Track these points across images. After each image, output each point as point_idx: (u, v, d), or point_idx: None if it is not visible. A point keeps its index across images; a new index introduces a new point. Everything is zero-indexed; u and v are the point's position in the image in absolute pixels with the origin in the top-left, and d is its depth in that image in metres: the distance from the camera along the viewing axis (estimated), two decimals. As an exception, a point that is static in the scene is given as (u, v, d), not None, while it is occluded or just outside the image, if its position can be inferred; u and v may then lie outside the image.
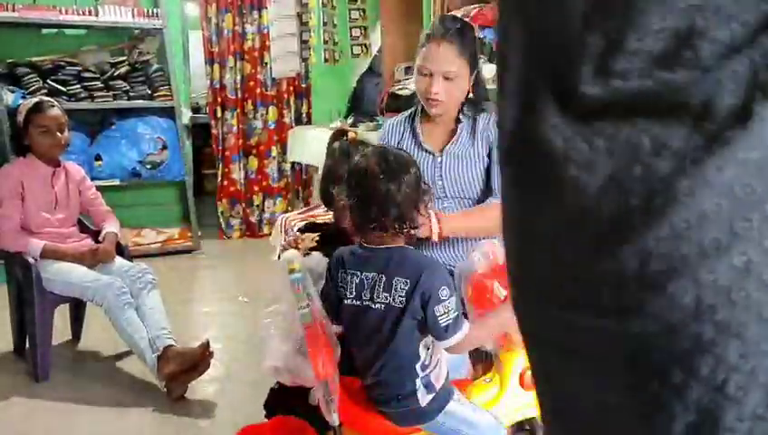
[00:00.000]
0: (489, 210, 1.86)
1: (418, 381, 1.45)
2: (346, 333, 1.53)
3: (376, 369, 1.47)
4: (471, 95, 1.96)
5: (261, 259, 4.81)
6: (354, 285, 1.47)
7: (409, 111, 2.11)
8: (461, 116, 1.97)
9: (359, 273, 1.47)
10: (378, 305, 1.44)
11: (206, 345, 2.67)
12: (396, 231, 1.44)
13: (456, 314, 1.40)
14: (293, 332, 1.41)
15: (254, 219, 5.75)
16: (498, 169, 1.82)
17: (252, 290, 4.06)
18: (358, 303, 1.47)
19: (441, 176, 1.95)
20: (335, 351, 1.46)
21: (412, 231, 1.48)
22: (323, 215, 3.47)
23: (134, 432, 2.39)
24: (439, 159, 1.97)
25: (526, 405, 1.60)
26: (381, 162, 1.43)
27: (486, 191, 1.94)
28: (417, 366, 1.45)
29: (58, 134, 2.92)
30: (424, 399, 1.46)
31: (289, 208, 5.55)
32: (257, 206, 5.77)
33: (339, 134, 1.90)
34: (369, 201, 1.42)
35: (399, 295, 1.41)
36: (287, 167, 5.73)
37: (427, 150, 1.98)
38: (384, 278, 1.43)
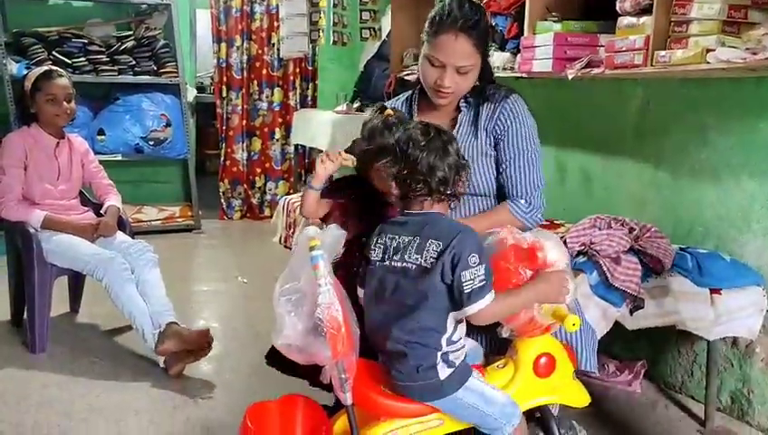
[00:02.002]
0: (496, 215, 1.81)
1: (439, 355, 1.45)
2: (372, 297, 1.53)
3: (400, 333, 1.45)
4: (477, 82, 1.87)
5: (261, 241, 4.81)
6: (392, 248, 1.50)
7: (407, 95, 2.02)
8: (461, 104, 1.88)
9: (396, 236, 1.50)
10: (409, 265, 1.46)
11: (206, 333, 2.65)
12: (440, 195, 1.49)
13: (483, 283, 1.40)
14: (310, 310, 1.40)
15: (255, 201, 5.73)
16: (514, 171, 1.80)
17: (251, 271, 4.05)
18: (388, 263, 1.49)
19: None
20: (354, 331, 1.44)
21: (451, 204, 1.52)
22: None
23: (131, 407, 2.38)
24: None
25: (539, 392, 1.59)
26: (430, 131, 1.51)
27: (499, 188, 1.86)
28: (443, 339, 1.45)
29: (64, 103, 2.90)
30: (444, 372, 1.46)
31: (291, 191, 5.53)
32: (259, 188, 5.75)
33: (378, 111, 1.84)
34: (418, 164, 1.48)
35: (431, 256, 1.43)
36: (291, 149, 5.71)
37: None
38: (418, 240, 1.46)
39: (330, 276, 1.41)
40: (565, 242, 2.16)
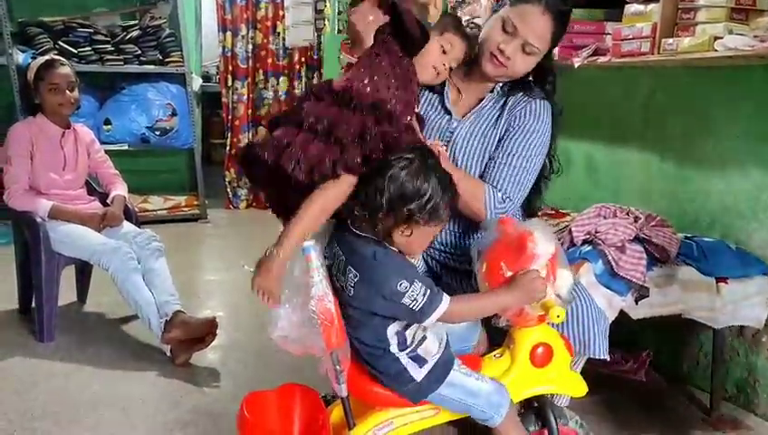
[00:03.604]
0: (474, 184, 1.72)
1: (403, 359, 1.44)
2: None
3: (357, 347, 1.47)
4: (530, 78, 1.82)
5: (267, 230, 4.78)
6: (336, 262, 1.46)
7: None
8: (497, 86, 1.83)
9: (339, 251, 1.46)
10: (339, 286, 1.45)
11: (212, 322, 2.66)
12: (370, 224, 1.41)
13: (428, 293, 1.37)
14: (304, 301, 1.40)
15: (261, 190, 5.73)
16: (505, 165, 1.73)
17: (257, 260, 4.05)
18: (335, 275, 1.46)
19: (451, 141, 1.80)
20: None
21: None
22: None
23: (137, 396, 2.39)
24: (454, 124, 1.82)
25: (535, 382, 1.59)
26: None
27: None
28: (392, 349, 1.44)
29: (68, 92, 2.90)
30: (418, 373, 1.45)
31: (297, 181, 5.53)
32: (265, 177, 5.74)
33: None
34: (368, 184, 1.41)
35: (350, 284, 1.41)
36: (296, 139, 5.69)
37: (447, 110, 1.84)
38: (344, 263, 1.43)
39: (323, 268, 1.41)
40: (570, 231, 2.16)
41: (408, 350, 1.45)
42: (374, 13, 1.59)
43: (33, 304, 2.94)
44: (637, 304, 2.07)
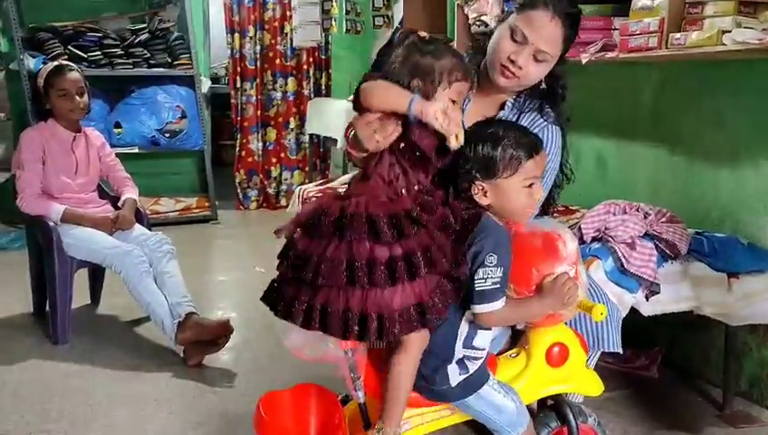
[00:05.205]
0: None
1: (453, 358, 1.44)
2: None
3: None
4: (543, 86, 1.77)
5: (277, 230, 4.82)
6: None
7: None
8: (509, 101, 1.79)
9: None
10: None
11: (226, 323, 2.68)
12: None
13: (496, 287, 1.37)
14: None
15: (271, 191, 5.76)
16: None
17: (268, 261, 4.06)
18: None
19: None
20: None
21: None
22: (341, 187, 3.46)
23: (151, 397, 2.41)
24: None
25: (551, 381, 1.59)
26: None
27: None
28: (458, 341, 1.43)
29: (77, 97, 2.92)
30: (455, 378, 1.45)
31: (306, 181, 5.54)
32: (275, 177, 5.77)
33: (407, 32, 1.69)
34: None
35: None
36: (305, 139, 5.72)
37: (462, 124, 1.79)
38: None
39: None
40: (579, 228, 2.16)
41: (466, 352, 1.45)
42: (380, 127, 1.45)
43: (47, 307, 2.97)
44: (647, 300, 2.06)
